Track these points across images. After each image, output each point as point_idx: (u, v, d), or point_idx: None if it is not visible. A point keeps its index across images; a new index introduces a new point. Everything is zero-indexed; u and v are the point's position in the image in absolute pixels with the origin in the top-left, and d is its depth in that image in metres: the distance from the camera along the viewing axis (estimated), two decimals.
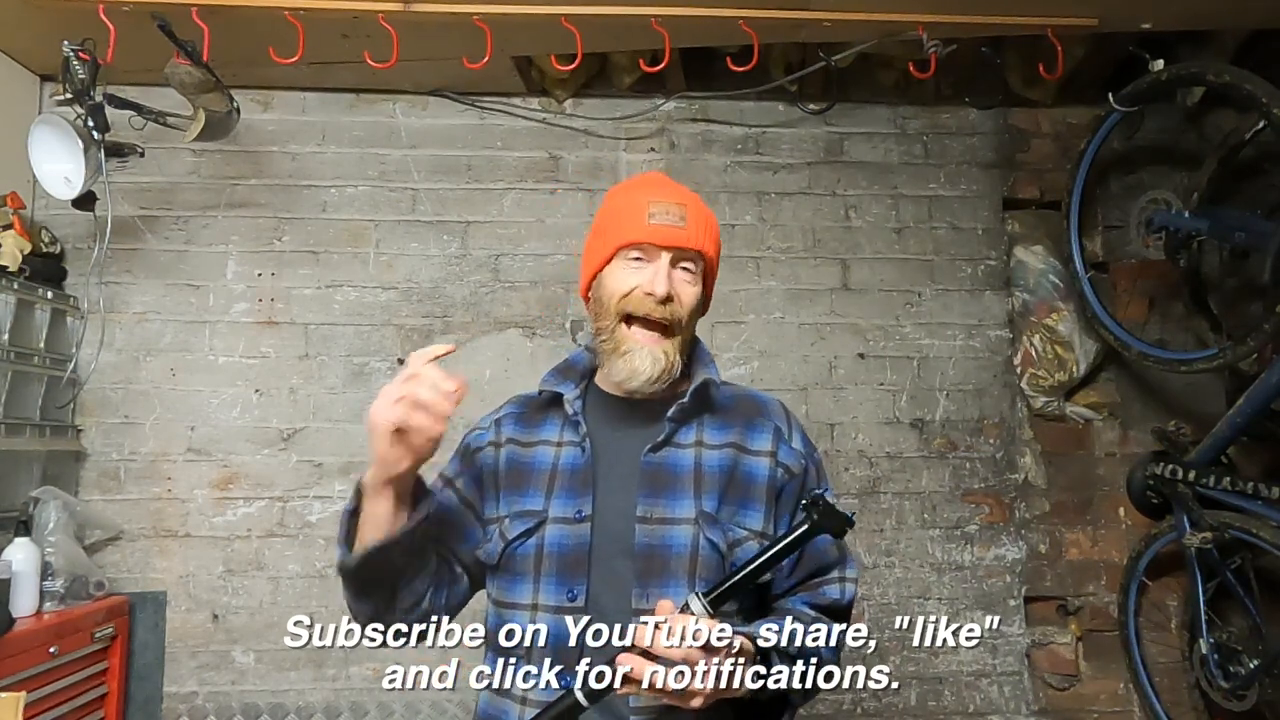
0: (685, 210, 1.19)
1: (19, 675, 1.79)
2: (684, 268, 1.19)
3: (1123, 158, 2.63)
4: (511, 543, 1.15)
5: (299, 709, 2.31)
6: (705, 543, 1.12)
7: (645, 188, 1.23)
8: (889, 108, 2.64)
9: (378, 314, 2.48)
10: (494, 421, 1.28)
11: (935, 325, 2.57)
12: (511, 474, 1.21)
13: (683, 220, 1.17)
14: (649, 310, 1.15)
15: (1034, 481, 2.55)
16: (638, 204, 1.18)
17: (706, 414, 1.21)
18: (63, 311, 2.31)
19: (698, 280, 1.21)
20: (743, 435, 1.21)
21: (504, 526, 1.18)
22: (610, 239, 1.19)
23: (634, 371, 1.16)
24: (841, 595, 1.20)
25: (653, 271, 1.16)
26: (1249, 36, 2.41)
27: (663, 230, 1.16)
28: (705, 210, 1.24)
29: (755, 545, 1.14)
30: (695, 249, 1.18)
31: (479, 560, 1.21)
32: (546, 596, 1.12)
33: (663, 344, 1.16)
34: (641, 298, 1.15)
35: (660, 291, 1.14)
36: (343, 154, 2.52)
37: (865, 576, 2.46)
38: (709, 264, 1.23)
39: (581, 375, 1.27)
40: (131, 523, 2.35)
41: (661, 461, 1.17)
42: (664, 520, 1.13)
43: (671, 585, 1.10)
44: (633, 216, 1.18)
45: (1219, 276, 2.50)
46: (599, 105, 2.58)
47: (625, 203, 1.21)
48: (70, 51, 1.95)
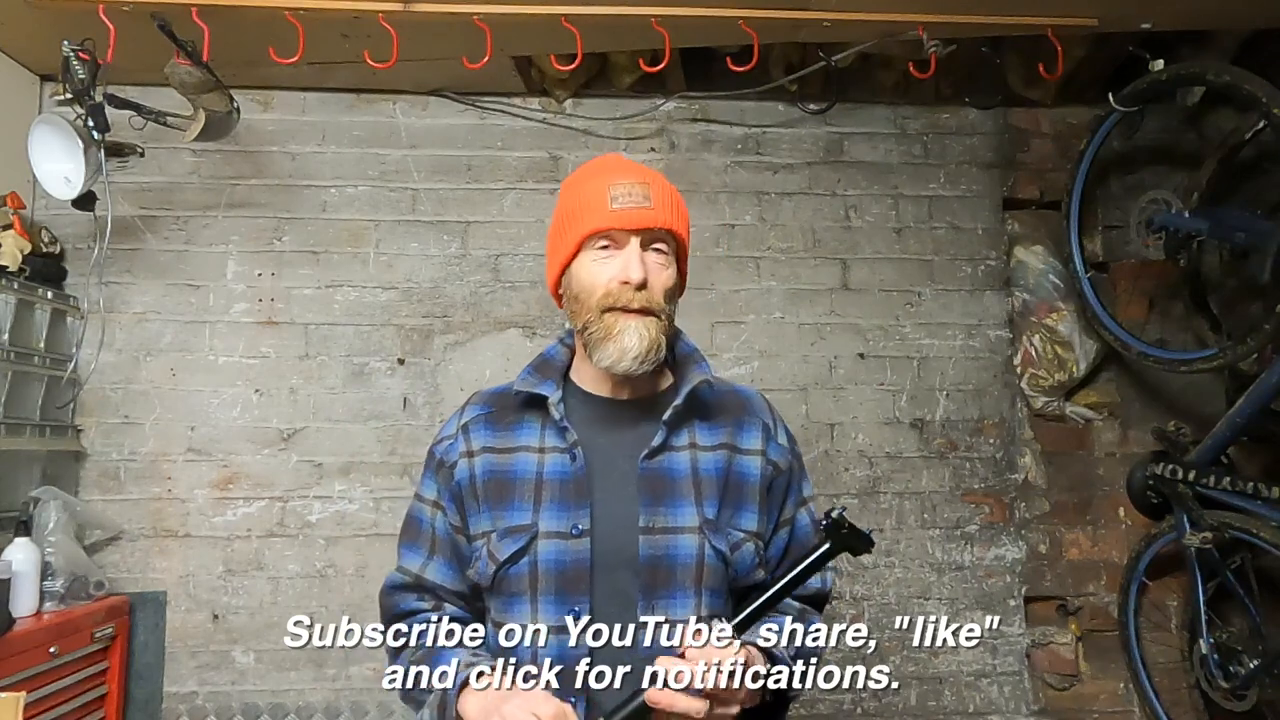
0: (649, 189, 1.12)
1: (19, 675, 1.79)
2: (656, 249, 1.13)
3: (1123, 158, 2.63)
4: (503, 565, 1.10)
5: (299, 709, 2.31)
6: (711, 551, 1.09)
7: (604, 172, 1.16)
8: (889, 108, 2.64)
9: (378, 314, 2.48)
10: (460, 428, 1.21)
11: (935, 325, 2.57)
12: (491, 486, 1.15)
13: (648, 199, 1.11)
14: (628, 300, 1.10)
15: (1034, 481, 2.55)
16: (598, 189, 1.12)
17: (697, 416, 1.18)
18: (63, 311, 2.31)
19: (671, 261, 1.15)
20: (734, 434, 1.18)
21: (492, 545, 1.12)
22: (574, 229, 1.13)
23: (623, 351, 1.09)
24: (824, 584, 1.21)
25: (624, 259, 1.10)
26: (1249, 36, 2.41)
27: (628, 213, 1.10)
28: (669, 187, 1.17)
29: (752, 547, 1.13)
30: (665, 228, 1.12)
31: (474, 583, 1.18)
32: (546, 616, 1.08)
33: (645, 321, 1.10)
34: (618, 288, 1.10)
35: (636, 277, 1.09)
36: (343, 154, 2.52)
37: (865, 576, 2.46)
38: (680, 243, 1.17)
39: (559, 373, 1.21)
40: (131, 523, 2.35)
41: (659, 468, 1.12)
42: (668, 530, 1.09)
43: (678, 596, 1.07)
44: (595, 203, 1.11)
45: (1219, 276, 2.50)
46: (599, 105, 2.58)
47: (586, 190, 1.14)
48: (70, 51, 1.94)
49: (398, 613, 1.21)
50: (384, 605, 1.24)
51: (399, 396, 2.45)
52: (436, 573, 1.20)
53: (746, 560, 1.12)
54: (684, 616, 1.05)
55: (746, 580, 1.14)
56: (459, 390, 2.44)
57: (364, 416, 2.43)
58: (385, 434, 2.43)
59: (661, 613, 1.05)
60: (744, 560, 1.12)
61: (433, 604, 1.20)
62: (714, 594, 1.10)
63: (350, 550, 2.38)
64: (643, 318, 1.10)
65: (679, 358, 1.22)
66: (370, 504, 2.39)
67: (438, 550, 1.21)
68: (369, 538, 2.38)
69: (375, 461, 2.41)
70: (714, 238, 2.56)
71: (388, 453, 2.42)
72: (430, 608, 1.20)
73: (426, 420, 2.43)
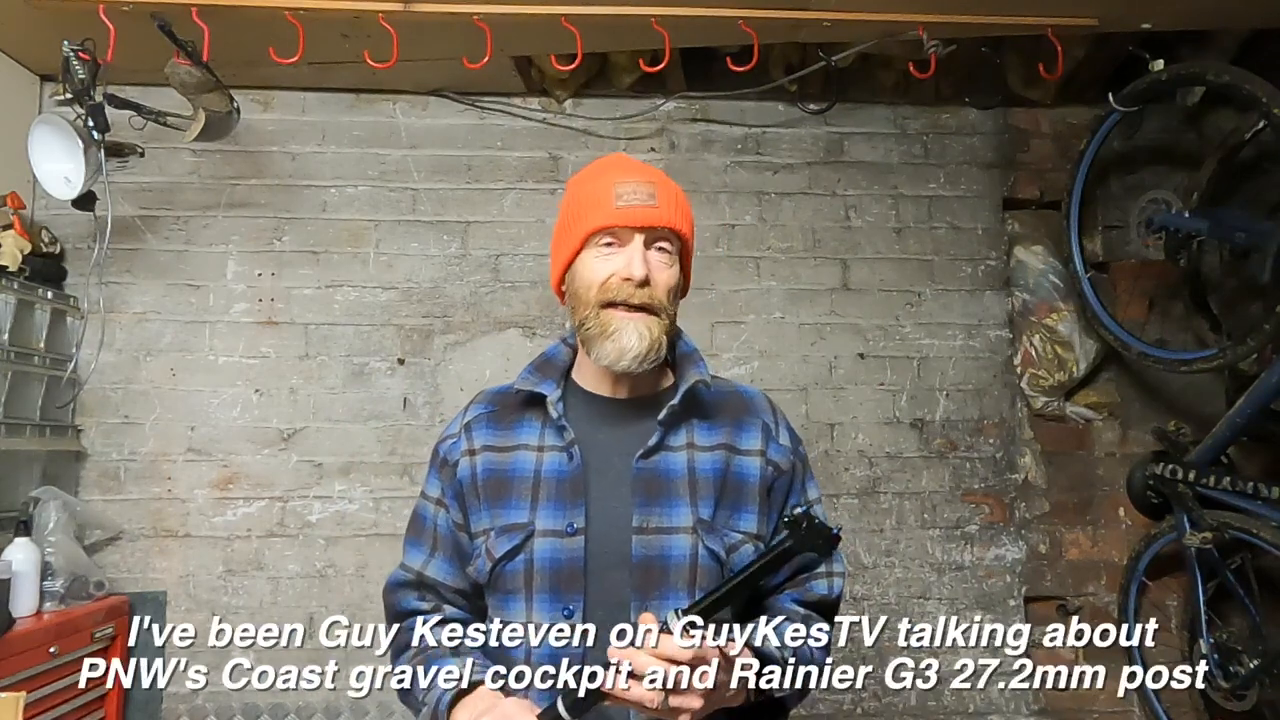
0: (655, 188, 1.13)
1: (19, 675, 1.79)
2: (659, 248, 1.13)
3: (1123, 158, 2.63)
4: (499, 562, 1.11)
5: (299, 709, 2.31)
6: (704, 551, 1.09)
7: (610, 170, 1.17)
8: (889, 108, 2.64)
9: (378, 314, 2.48)
10: (464, 426, 1.21)
11: (935, 325, 2.57)
12: (490, 484, 1.15)
13: (653, 198, 1.11)
14: (628, 295, 1.10)
15: (1034, 481, 2.55)
16: (604, 187, 1.13)
17: (695, 416, 1.18)
18: (63, 311, 2.31)
19: (674, 260, 1.15)
20: (733, 435, 1.17)
21: (489, 542, 1.13)
22: (579, 227, 1.14)
23: (622, 350, 1.09)
24: (830, 591, 1.18)
25: (627, 256, 1.10)
26: (1249, 36, 2.41)
27: (633, 211, 1.10)
28: (675, 187, 1.18)
29: (751, 548, 1.13)
30: (669, 227, 1.13)
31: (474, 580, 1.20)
32: (541, 614, 1.08)
33: (646, 320, 1.10)
34: (619, 283, 1.10)
35: (638, 274, 1.09)
36: (343, 154, 2.52)
37: (865, 576, 2.46)
38: (685, 243, 1.17)
39: (560, 372, 1.22)
40: (131, 523, 2.35)
41: (654, 468, 1.12)
42: (661, 530, 1.09)
43: (670, 596, 1.07)
44: (600, 200, 1.12)
45: (1219, 276, 2.50)
46: (599, 105, 2.58)
47: (591, 188, 1.15)
48: (70, 51, 1.94)
49: (398, 611, 1.22)
50: (386, 604, 1.25)
51: (399, 396, 2.45)
52: (437, 570, 1.21)
53: (744, 562, 1.11)
54: None
55: None
56: (459, 390, 2.44)
57: (364, 416, 2.43)
58: (385, 434, 2.43)
59: (654, 613, 1.04)
60: (742, 562, 1.11)
61: (432, 604, 1.21)
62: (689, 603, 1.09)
63: (350, 550, 2.38)
64: (644, 317, 1.10)
65: (679, 357, 1.22)
66: (370, 504, 2.39)
67: (440, 547, 1.21)
68: (369, 538, 2.38)
69: (375, 461, 2.41)
70: (714, 238, 2.56)
71: (388, 453, 2.42)
72: (430, 608, 1.20)
73: (426, 420, 2.43)
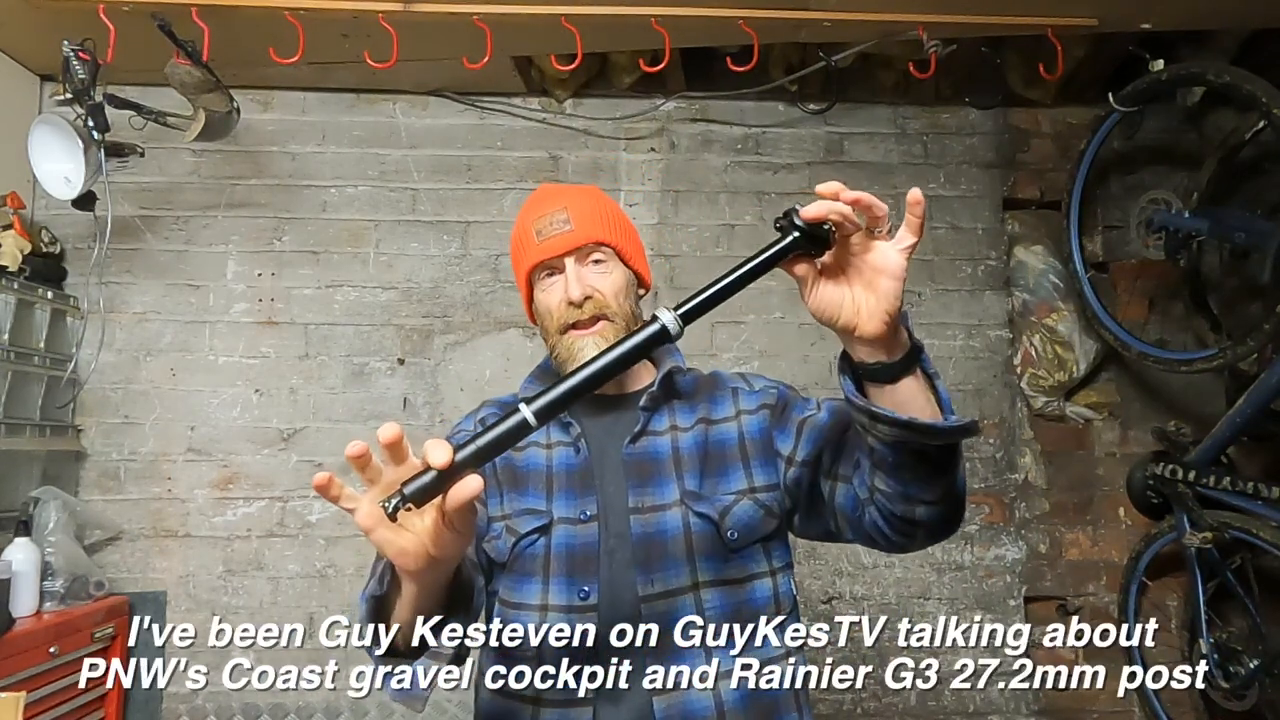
0: (568, 212, 1.21)
1: (19, 675, 1.79)
2: (594, 260, 1.21)
3: (1123, 158, 2.63)
4: (522, 539, 1.16)
5: (299, 709, 2.31)
6: (696, 519, 1.14)
7: (529, 209, 1.26)
8: (889, 108, 2.64)
9: (378, 314, 2.48)
10: (478, 421, 1.28)
11: (935, 325, 2.57)
12: (506, 474, 1.22)
13: (568, 223, 1.20)
14: (576, 316, 1.19)
15: (1034, 481, 2.55)
16: (526, 228, 1.23)
17: (676, 401, 1.25)
18: (63, 311, 2.31)
19: (613, 264, 1.22)
20: (708, 409, 1.24)
21: (511, 522, 1.18)
22: (520, 270, 1.25)
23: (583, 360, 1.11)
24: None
25: (563, 283, 1.20)
26: (1249, 36, 2.41)
27: (551, 242, 1.19)
28: (591, 199, 1.25)
29: (748, 503, 1.16)
30: (590, 242, 1.20)
31: (490, 558, 1.21)
32: (557, 597, 1.13)
33: (602, 330, 1.18)
34: (565, 309, 1.19)
35: (575, 295, 1.18)
36: (343, 154, 2.52)
37: (865, 576, 2.46)
38: (618, 245, 1.24)
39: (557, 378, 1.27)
40: (131, 523, 2.35)
41: (642, 451, 1.19)
42: (654, 508, 1.15)
43: (672, 568, 1.12)
44: (526, 242, 1.23)
45: (1219, 276, 2.50)
46: (599, 105, 2.58)
47: (519, 232, 1.25)
48: (70, 51, 1.94)
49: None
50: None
51: (399, 396, 2.45)
52: None
53: (743, 516, 1.15)
54: (680, 585, 1.11)
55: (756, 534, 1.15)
56: (459, 390, 2.44)
57: (364, 416, 2.43)
58: None
59: (659, 585, 1.11)
60: (740, 517, 1.14)
61: None
62: (709, 559, 1.13)
63: (350, 550, 2.38)
64: (600, 327, 1.18)
65: (657, 352, 1.27)
66: None
67: None
68: None
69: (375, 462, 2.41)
70: (714, 238, 2.56)
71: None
72: None
73: (426, 420, 2.43)
